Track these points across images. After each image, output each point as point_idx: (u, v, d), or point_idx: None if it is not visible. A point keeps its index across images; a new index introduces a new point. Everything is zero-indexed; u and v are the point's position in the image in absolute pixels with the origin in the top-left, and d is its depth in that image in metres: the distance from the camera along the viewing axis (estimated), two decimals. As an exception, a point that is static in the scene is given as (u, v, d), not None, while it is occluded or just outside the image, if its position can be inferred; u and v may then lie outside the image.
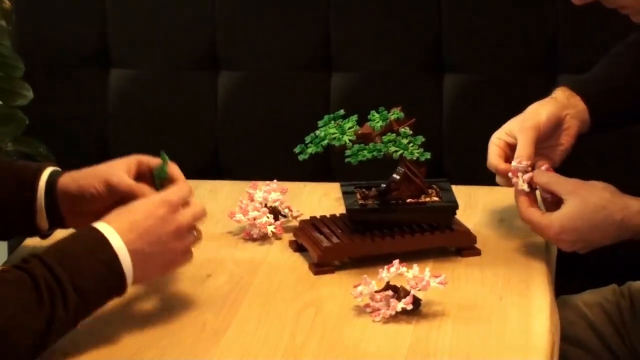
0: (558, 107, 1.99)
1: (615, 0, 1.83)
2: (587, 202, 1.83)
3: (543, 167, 1.90)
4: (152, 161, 1.80)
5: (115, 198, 1.76)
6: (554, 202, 1.87)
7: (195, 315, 1.72)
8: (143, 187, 1.77)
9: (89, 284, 1.59)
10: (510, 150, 1.94)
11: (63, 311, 1.55)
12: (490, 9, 2.40)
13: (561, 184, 1.86)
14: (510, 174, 1.89)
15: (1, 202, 1.81)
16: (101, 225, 1.62)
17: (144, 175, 1.81)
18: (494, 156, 1.94)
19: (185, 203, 1.71)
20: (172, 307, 1.75)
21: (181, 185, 1.75)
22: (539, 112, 1.97)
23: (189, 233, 1.71)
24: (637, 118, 2.07)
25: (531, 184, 1.89)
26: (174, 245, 1.69)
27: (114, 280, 1.62)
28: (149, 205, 1.68)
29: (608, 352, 2.07)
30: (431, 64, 2.42)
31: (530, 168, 1.90)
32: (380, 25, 2.44)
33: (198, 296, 1.78)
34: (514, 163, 1.90)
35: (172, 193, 1.71)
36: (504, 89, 2.40)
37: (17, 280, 1.54)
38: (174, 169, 1.79)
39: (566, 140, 1.99)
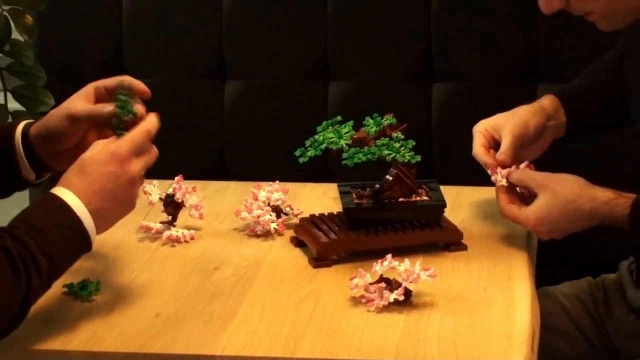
0: (545, 118, 2.01)
1: (581, 7, 1.84)
2: (558, 195, 1.85)
3: (522, 165, 1.91)
4: (108, 82, 1.74)
5: (82, 129, 1.72)
6: (531, 197, 1.88)
7: (204, 306, 1.72)
8: (98, 107, 1.71)
9: (57, 249, 1.58)
10: (494, 143, 1.96)
11: (38, 279, 1.54)
12: (476, 23, 2.40)
13: (534, 180, 1.88)
14: (489, 172, 1.90)
15: None
16: (60, 191, 1.60)
17: (103, 99, 1.74)
18: (478, 146, 1.96)
19: (139, 151, 1.65)
20: (181, 297, 1.75)
21: (133, 134, 1.65)
22: (528, 123, 1.98)
23: (141, 177, 1.67)
24: (610, 128, 2.07)
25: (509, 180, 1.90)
26: (129, 193, 1.65)
27: (79, 240, 1.61)
28: (101, 164, 1.62)
29: (584, 339, 2.07)
30: (421, 74, 2.42)
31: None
32: (374, 38, 2.44)
33: (206, 288, 1.78)
34: (500, 156, 1.92)
35: (121, 146, 1.63)
36: (488, 97, 2.40)
37: (18, 261, 1.53)
38: (138, 107, 1.70)
39: (542, 145, 2.02)
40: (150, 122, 1.68)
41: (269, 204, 1.98)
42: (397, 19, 2.41)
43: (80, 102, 1.73)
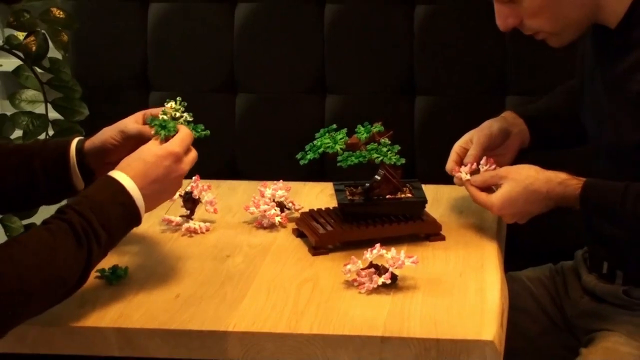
0: (506, 124, 2.03)
1: (531, 26, 1.84)
2: (518, 181, 1.85)
3: (482, 161, 1.93)
4: (153, 111, 1.78)
5: (130, 145, 1.74)
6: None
7: (217, 288, 1.72)
8: (147, 128, 1.74)
9: (113, 224, 1.60)
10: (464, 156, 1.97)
11: (97, 249, 1.57)
12: (452, 44, 2.39)
13: (496, 174, 1.88)
14: (453, 172, 1.92)
15: (46, 171, 1.80)
16: (119, 175, 1.63)
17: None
18: (450, 162, 1.97)
19: (188, 151, 1.71)
20: (198, 281, 1.74)
21: (183, 136, 1.71)
22: (492, 125, 2.00)
23: (183, 169, 1.70)
24: (570, 143, 2.06)
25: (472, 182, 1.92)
26: (176, 185, 1.71)
27: (132, 218, 1.64)
28: (158, 157, 1.67)
29: (546, 317, 2.07)
30: (405, 88, 2.42)
31: (475, 166, 1.93)
32: (364, 58, 2.43)
33: (219, 272, 1.77)
34: (464, 169, 1.93)
35: (177, 145, 1.68)
36: (463, 108, 2.40)
37: (60, 229, 1.55)
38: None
39: (511, 150, 2.02)
40: (188, 130, 1.72)
41: (273, 200, 1.98)
42: (384, 42, 2.41)
43: (132, 122, 1.77)
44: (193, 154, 1.72)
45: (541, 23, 1.83)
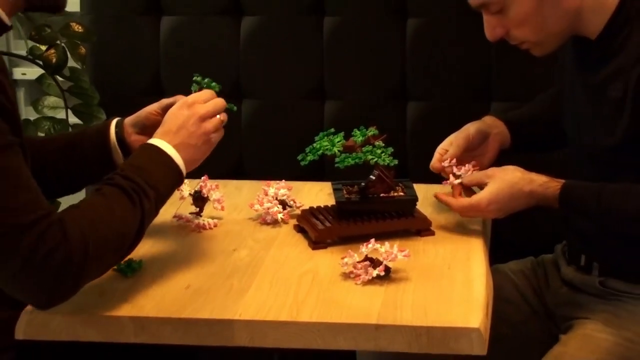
0: (485, 126, 2.04)
1: (516, 36, 1.85)
2: (504, 180, 1.85)
3: (468, 165, 1.94)
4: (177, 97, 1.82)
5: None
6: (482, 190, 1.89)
7: (224, 280, 1.71)
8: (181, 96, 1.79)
9: (158, 180, 1.64)
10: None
11: (148, 204, 1.60)
12: (440, 54, 2.40)
13: (484, 174, 1.89)
14: (445, 179, 1.94)
15: (90, 153, 1.84)
16: (152, 140, 1.68)
17: None
18: (434, 161, 1.98)
19: (205, 100, 1.74)
20: (206, 273, 1.74)
21: (201, 92, 1.76)
22: (469, 128, 2.02)
23: (212, 118, 1.73)
24: (550, 146, 2.07)
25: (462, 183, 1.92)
26: (203, 128, 1.71)
27: (173, 173, 1.67)
28: (174, 111, 1.71)
29: (528, 306, 2.07)
30: (398, 95, 2.42)
31: (455, 165, 1.94)
32: (360, 66, 2.44)
33: (226, 265, 1.77)
34: (444, 163, 1.95)
35: (189, 97, 1.73)
36: (451, 113, 2.40)
37: (112, 193, 1.58)
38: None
39: (490, 150, 2.03)
40: (210, 90, 1.78)
41: (276, 198, 1.98)
42: (379, 52, 2.41)
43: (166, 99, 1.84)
44: (219, 118, 1.74)
45: (526, 33, 1.83)
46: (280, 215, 1.96)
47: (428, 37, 2.39)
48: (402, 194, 1.91)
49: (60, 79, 2.48)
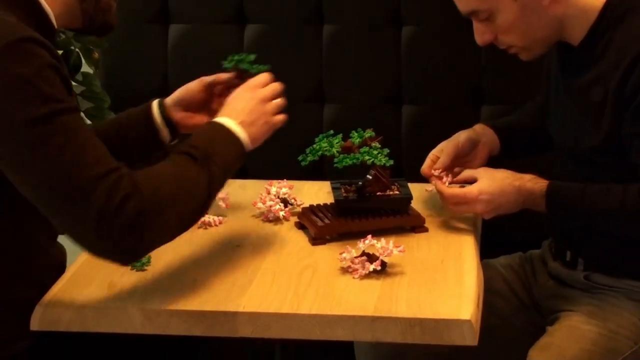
0: (475, 134, 2.04)
1: (505, 41, 1.85)
2: (494, 176, 1.87)
3: (456, 169, 1.96)
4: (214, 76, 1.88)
5: (207, 94, 1.87)
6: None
7: (228, 274, 1.72)
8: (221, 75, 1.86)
9: (224, 153, 1.64)
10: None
11: (215, 168, 1.60)
12: (434, 61, 2.40)
13: (475, 171, 1.91)
14: (433, 181, 1.94)
15: (137, 134, 1.87)
16: (217, 119, 1.69)
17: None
18: (425, 166, 1.98)
19: (263, 85, 1.76)
20: (212, 267, 1.74)
21: (259, 76, 1.79)
22: (459, 136, 2.02)
23: (272, 101, 1.76)
24: (537, 151, 2.06)
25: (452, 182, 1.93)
26: (264, 109, 1.73)
27: (238, 147, 1.67)
28: (237, 93, 1.73)
29: (516, 298, 2.07)
30: (394, 98, 2.42)
31: (444, 173, 1.94)
32: (358, 72, 2.44)
33: (231, 260, 1.77)
34: (434, 172, 1.95)
35: (250, 81, 1.76)
36: (444, 115, 2.40)
37: (180, 159, 1.60)
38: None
39: (479, 157, 2.03)
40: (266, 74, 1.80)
41: (278, 197, 1.98)
42: (375, 58, 2.42)
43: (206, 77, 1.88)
44: (272, 85, 1.77)
45: (513, 39, 1.84)
46: (281, 213, 1.96)
47: (422, 44, 2.39)
48: (397, 192, 1.91)
49: (73, 83, 2.48)
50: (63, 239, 1.64)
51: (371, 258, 1.69)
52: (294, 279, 1.69)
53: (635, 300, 1.89)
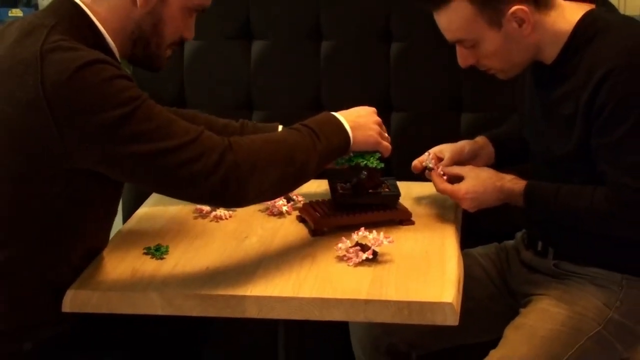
0: (477, 147, 2.03)
1: (484, 64, 1.85)
2: (479, 175, 1.88)
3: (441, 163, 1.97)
4: None
5: None
6: (457, 181, 1.90)
7: (237, 262, 1.72)
8: None
9: (330, 136, 1.69)
10: (438, 160, 1.98)
11: (320, 145, 1.66)
12: (420, 73, 2.39)
13: (462, 169, 1.91)
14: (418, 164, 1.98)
15: None
16: (332, 113, 1.76)
17: None
18: (417, 160, 2.00)
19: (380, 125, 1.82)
20: (223, 256, 1.75)
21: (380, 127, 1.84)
22: (464, 146, 2.02)
23: (382, 131, 1.82)
24: (525, 159, 2.05)
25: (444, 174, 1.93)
26: (373, 125, 1.79)
27: (341, 136, 1.73)
28: (357, 109, 1.81)
29: (492, 284, 2.07)
30: (384, 106, 2.41)
31: (437, 164, 1.96)
32: (352, 82, 2.43)
33: (239, 250, 1.78)
34: (436, 169, 1.95)
35: (370, 110, 1.83)
36: (428, 122, 2.40)
37: (290, 132, 1.67)
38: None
39: (477, 165, 2.00)
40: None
41: (281, 194, 1.98)
42: (368, 70, 2.41)
43: None
44: (385, 142, 1.82)
45: (494, 63, 1.84)
46: (284, 208, 1.96)
47: (409, 58, 2.39)
48: (387, 190, 1.91)
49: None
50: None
51: (364, 248, 1.70)
52: (296, 266, 1.69)
53: (599, 286, 1.90)
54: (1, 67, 1.51)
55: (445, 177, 1.93)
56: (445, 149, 2.00)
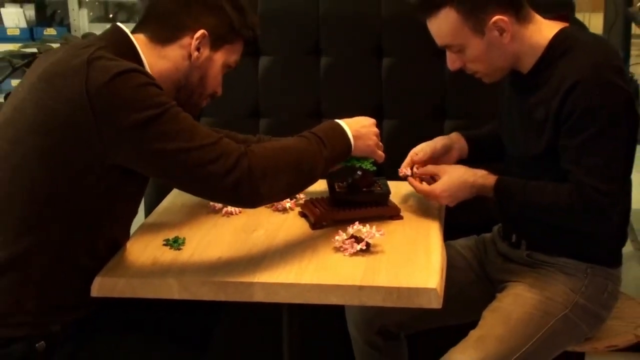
0: (450, 141, 2.03)
1: (471, 68, 1.85)
2: (452, 174, 1.88)
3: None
4: None
5: None
6: (434, 181, 1.90)
7: (246, 252, 1.72)
8: None
9: (335, 144, 1.70)
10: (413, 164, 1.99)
11: (326, 152, 1.67)
12: (408, 84, 2.39)
13: (436, 168, 1.92)
14: (400, 173, 1.96)
15: None
16: (337, 120, 1.76)
17: None
18: (404, 164, 1.99)
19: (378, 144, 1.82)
20: (234, 247, 1.75)
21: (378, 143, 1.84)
22: (437, 141, 2.02)
23: (377, 138, 1.81)
24: (498, 158, 2.04)
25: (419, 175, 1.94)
26: (371, 136, 1.79)
27: (344, 143, 1.73)
28: (359, 119, 1.81)
29: (472, 272, 2.07)
30: (376, 113, 2.39)
31: (415, 167, 1.96)
32: (348, 93, 2.43)
33: (248, 241, 1.77)
34: (414, 169, 1.96)
35: (374, 122, 1.83)
36: (416, 127, 2.39)
37: (300, 140, 1.67)
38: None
39: (451, 160, 2.02)
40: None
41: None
42: (362, 82, 2.41)
43: None
44: (379, 151, 1.82)
45: (478, 66, 1.84)
46: (288, 204, 1.96)
47: (398, 71, 2.39)
48: (379, 188, 1.92)
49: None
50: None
51: (358, 240, 1.70)
52: (298, 256, 1.69)
53: (567, 274, 1.90)
54: (55, 70, 1.55)
55: (421, 179, 1.93)
56: (423, 147, 2.01)
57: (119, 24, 1.66)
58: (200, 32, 1.65)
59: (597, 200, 1.73)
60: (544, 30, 1.82)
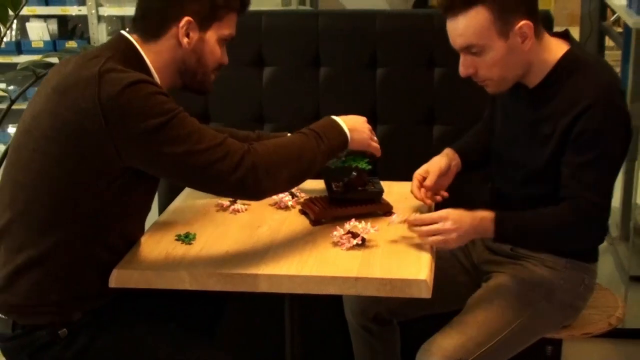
0: (449, 160, 1.94)
1: (483, 75, 1.76)
2: (462, 224, 1.73)
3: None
4: None
5: None
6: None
7: (251, 246, 1.72)
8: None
9: (332, 138, 1.69)
10: (423, 180, 1.90)
11: (324, 146, 1.66)
12: (400, 91, 2.39)
13: (439, 215, 1.73)
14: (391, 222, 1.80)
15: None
16: (333, 117, 1.75)
17: None
18: (414, 187, 1.90)
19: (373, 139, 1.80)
20: (239, 242, 1.74)
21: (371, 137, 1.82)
22: (441, 162, 1.93)
23: (372, 133, 1.79)
24: (483, 166, 2.01)
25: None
26: (367, 131, 1.78)
27: (341, 137, 1.72)
28: (355, 117, 1.79)
29: (460, 264, 2.06)
30: (371, 119, 2.38)
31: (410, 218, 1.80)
32: (345, 100, 2.43)
33: (253, 236, 1.77)
34: (424, 196, 1.88)
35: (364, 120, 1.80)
36: (406, 131, 2.39)
37: (299, 136, 1.66)
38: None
39: (450, 176, 1.95)
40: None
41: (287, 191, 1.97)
42: (358, 91, 2.41)
43: None
44: (374, 143, 1.80)
45: (493, 73, 1.74)
46: (289, 202, 1.95)
47: (391, 80, 2.39)
48: (373, 187, 1.91)
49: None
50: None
51: (354, 235, 1.70)
52: (299, 250, 1.69)
53: (547, 267, 1.89)
54: (68, 82, 1.54)
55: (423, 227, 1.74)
56: (429, 169, 1.91)
57: (122, 31, 1.65)
58: (185, 19, 1.60)
59: (594, 214, 1.71)
60: (553, 47, 1.76)
